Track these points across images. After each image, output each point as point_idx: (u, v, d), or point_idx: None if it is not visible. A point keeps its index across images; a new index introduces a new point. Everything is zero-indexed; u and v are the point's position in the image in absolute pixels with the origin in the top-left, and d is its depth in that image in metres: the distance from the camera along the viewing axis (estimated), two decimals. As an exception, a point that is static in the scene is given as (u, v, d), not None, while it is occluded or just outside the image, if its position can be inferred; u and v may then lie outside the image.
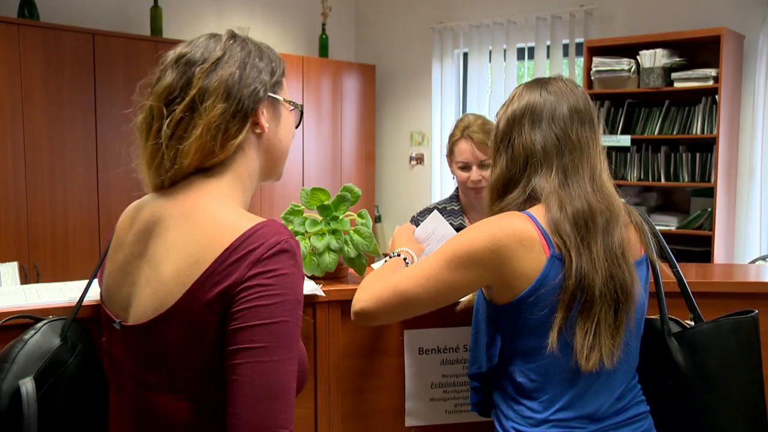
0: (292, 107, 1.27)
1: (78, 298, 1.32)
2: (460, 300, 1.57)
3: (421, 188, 6.22)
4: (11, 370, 1.16)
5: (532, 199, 1.42)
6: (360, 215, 1.75)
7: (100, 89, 4.46)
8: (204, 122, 1.11)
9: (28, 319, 1.28)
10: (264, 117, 1.19)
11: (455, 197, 2.46)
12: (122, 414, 1.18)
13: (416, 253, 1.68)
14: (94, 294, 1.53)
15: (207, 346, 1.07)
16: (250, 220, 1.09)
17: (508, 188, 1.45)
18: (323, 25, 6.09)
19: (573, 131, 1.43)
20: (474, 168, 2.28)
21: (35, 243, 4.25)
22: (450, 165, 2.38)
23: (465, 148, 2.28)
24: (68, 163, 4.37)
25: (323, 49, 6.08)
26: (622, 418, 1.42)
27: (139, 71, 5.16)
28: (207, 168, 1.16)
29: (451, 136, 2.34)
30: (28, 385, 1.13)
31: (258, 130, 1.19)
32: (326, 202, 1.74)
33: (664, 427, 1.51)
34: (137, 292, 1.14)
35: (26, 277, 4.09)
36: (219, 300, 1.05)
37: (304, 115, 5.92)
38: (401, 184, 6.44)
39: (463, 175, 2.31)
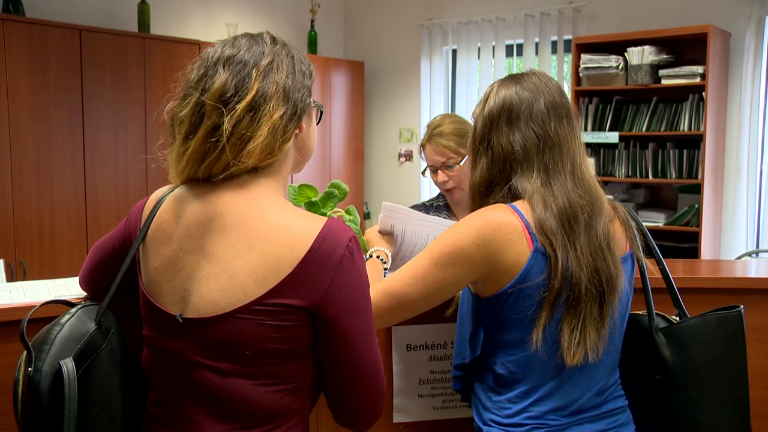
0: (315, 106, 1.32)
1: (113, 286, 1.30)
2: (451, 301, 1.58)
3: (410, 185, 6.22)
4: (51, 351, 1.19)
5: (515, 198, 1.42)
6: (348, 211, 1.74)
7: (87, 86, 4.43)
8: (269, 124, 1.16)
9: (63, 305, 1.31)
10: (305, 118, 1.25)
11: (442, 194, 2.47)
12: (181, 402, 1.21)
13: (389, 249, 1.70)
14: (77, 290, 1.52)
15: (288, 333, 1.14)
16: (317, 221, 1.17)
17: (490, 189, 1.45)
18: (312, 21, 6.07)
19: (551, 128, 1.43)
20: (439, 171, 2.30)
21: (22, 240, 4.22)
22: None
23: (428, 153, 2.31)
24: (55, 161, 4.33)
25: (312, 46, 6.06)
26: (598, 412, 1.43)
27: (126, 68, 5.12)
28: (258, 167, 1.19)
29: (423, 138, 2.37)
30: (68, 365, 1.16)
31: (297, 131, 1.24)
32: (314, 199, 1.73)
33: (649, 421, 1.52)
34: (197, 286, 1.17)
35: (12, 275, 4.06)
36: (306, 298, 1.13)
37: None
38: (390, 181, 6.44)
39: (433, 177, 2.35)
